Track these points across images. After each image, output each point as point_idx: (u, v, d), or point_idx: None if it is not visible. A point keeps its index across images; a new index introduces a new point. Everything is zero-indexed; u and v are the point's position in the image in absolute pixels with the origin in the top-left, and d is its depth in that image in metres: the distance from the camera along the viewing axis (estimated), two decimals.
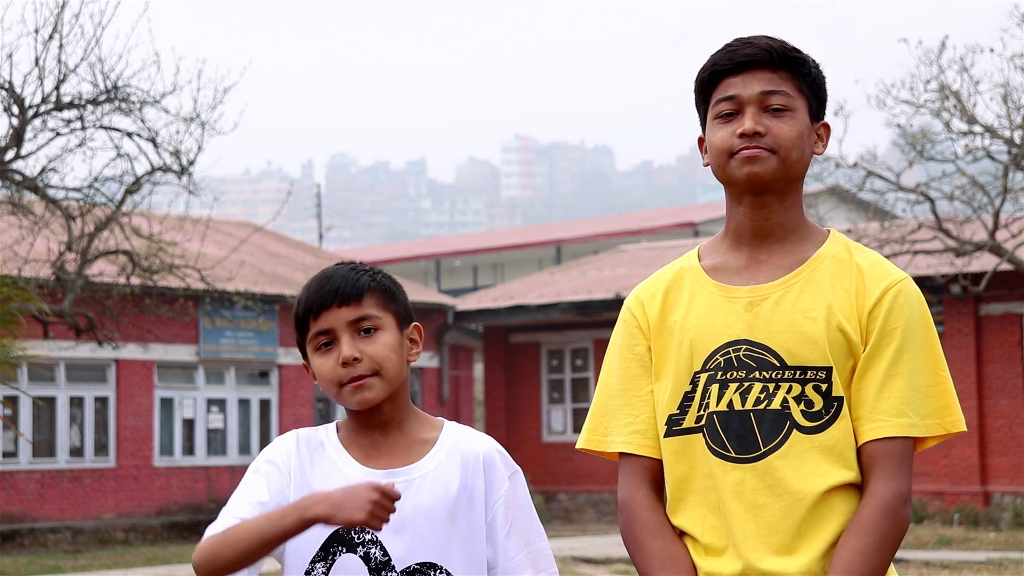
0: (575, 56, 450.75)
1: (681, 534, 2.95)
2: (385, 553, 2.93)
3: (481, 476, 3.01)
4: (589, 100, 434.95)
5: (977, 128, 19.96)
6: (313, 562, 2.94)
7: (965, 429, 2.92)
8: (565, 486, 29.15)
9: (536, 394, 30.29)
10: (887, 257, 22.29)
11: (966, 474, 24.36)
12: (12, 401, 23.21)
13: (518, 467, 3.09)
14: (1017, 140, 19.75)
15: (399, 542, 2.93)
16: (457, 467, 3.00)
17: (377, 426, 3.01)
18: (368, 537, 2.93)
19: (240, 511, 2.90)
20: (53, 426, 24.88)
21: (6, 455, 24.45)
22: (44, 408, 24.65)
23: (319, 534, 2.93)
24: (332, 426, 3.06)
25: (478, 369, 35.14)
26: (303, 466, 2.98)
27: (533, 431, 30.17)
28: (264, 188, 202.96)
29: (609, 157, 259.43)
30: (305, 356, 3.05)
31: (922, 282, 23.90)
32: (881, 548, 2.79)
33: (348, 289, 2.98)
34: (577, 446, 3.14)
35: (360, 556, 2.93)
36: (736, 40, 2.97)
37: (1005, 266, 21.20)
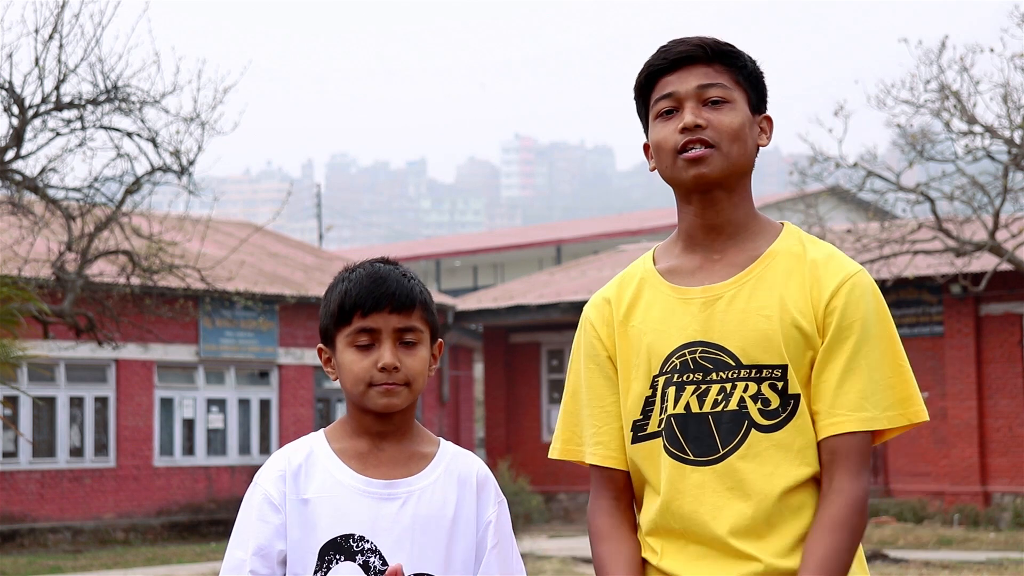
0: (575, 56, 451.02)
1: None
2: (384, 563, 2.93)
3: (474, 497, 3.04)
4: (589, 100, 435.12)
5: (977, 128, 19.96)
6: (314, 572, 2.93)
7: (927, 419, 2.90)
8: (565, 486, 29.14)
9: (536, 394, 30.30)
10: (887, 257, 22.05)
11: (966, 474, 24.36)
12: (12, 401, 23.20)
13: (504, 498, 3.12)
14: (1017, 140, 19.75)
15: (399, 552, 2.94)
16: (454, 485, 3.02)
17: (380, 434, 3.01)
18: (367, 546, 2.93)
19: (254, 565, 2.94)
20: (53, 426, 24.88)
21: (6, 455, 24.44)
22: (44, 408, 24.64)
23: (315, 541, 2.93)
24: (320, 436, 3.04)
25: (478, 369, 35.15)
26: (298, 488, 2.97)
27: (533, 431, 30.18)
28: (264, 188, 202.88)
29: (609, 157, 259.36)
30: (326, 342, 3.04)
31: (922, 282, 23.92)
32: (851, 545, 2.80)
33: (403, 297, 2.97)
34: (551, 455, 3.14)
35: (359, 564, 2.93)
36: (669, 41, 2.99)
37: (1005, 266, 21.20)
